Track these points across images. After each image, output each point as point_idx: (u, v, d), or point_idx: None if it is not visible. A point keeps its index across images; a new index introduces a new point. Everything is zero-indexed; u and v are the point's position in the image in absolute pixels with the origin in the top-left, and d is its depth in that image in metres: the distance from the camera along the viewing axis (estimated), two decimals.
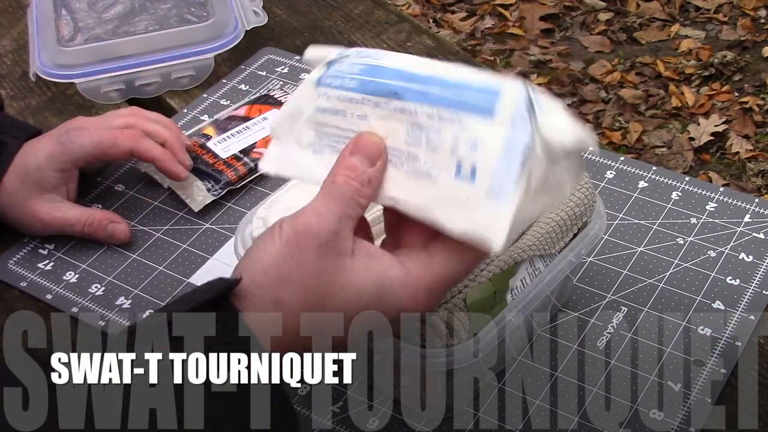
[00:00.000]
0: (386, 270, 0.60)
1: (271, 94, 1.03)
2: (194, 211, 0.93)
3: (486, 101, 0.59)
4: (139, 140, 0.89)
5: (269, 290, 0.59)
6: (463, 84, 0.60)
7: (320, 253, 0.58)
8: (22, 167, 0.88)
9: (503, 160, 0.57)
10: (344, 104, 0.64)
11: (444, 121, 0.60)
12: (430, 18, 2.75)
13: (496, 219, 0.57)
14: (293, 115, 0.67)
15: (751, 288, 0.80)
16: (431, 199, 0.60)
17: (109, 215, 0.91)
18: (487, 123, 0.58)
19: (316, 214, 0.59)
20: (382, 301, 0.59)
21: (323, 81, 0.65)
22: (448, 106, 0.60)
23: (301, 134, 0.66)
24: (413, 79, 0.62)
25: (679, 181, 0.91)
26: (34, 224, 0.89)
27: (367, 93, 0.63)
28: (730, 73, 2.43)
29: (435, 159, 0.60)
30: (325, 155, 0.65)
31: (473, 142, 0.58)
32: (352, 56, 0.65)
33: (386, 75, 0.63)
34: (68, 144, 0.89)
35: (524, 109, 0.58)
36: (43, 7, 1.11)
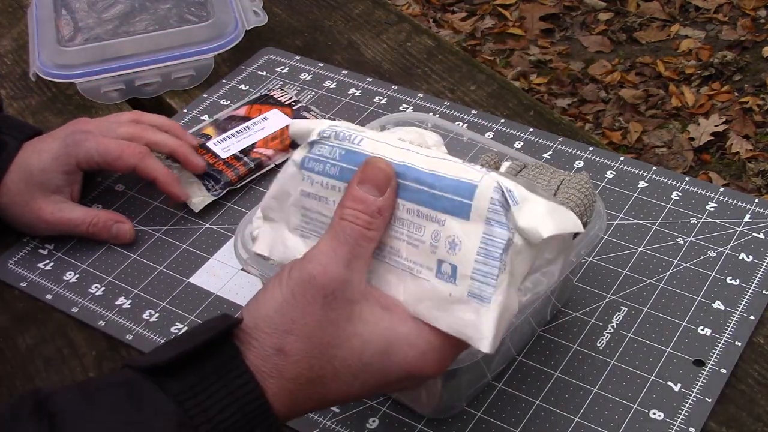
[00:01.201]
0: (396, 326, 0.59)
1: (271, 94, 1.03)
2: (194, 211, 0.93)
3: (461, 203, 0.59)
4: (144, 158, 0.89)
5: (271, 337, 0.58)
6: (437, 182, 0.60)
7: (326, 303, 0.58)
8: (25, 168, 0.88)
9: (481, 261, 0.58)
10: (327, 191, 0.64)
11: (422, 217, 0.60)
12: (430, 18, 2.75)
13: (481, 320, 0.58)
14: (281, 196, 0.67)
15: (751, 288, 0.80)
16: (413, 295, 0.60)
17: (114, 215, 0.91)
18: (464, 223, 0.59)
19: (322, 263, 0.58)
20: (388, 356, 0.58)
21: (306, 165, 0.64)
22: (424, 203, 0.60)
23: (290, 216, 0.66)
24: None
25: (679, 181, 0.91)
26: (38, 225, 0.89)
27: (347, 181, 0.62)
28: (730, 73, 2.43)
29: (416, 257, 0.60)
30: (311, 240, 0.65)
31: (452, 242, 0.59)
32: (332, 138, 0.64)
33: (362, 162, 0.62)
34: (73, 147, 0.89)
35: (498, 205, 0.58)
36: (43, 7, 1.11)
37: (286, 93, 1.03)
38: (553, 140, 0.96)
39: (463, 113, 1.01)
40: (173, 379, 0.57)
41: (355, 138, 0.63)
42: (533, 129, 0.98)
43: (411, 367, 0.58)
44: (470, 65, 1.10)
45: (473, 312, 0.58)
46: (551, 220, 0.59)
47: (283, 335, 0.58)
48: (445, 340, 0.59)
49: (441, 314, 0.59)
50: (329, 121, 0.65)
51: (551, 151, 0.95)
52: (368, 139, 0.63)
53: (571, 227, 0.61)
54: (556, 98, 2.43)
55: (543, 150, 0.95)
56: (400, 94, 1.04)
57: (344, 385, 0.59)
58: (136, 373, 0.57)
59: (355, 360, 0.58)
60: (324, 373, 0.59)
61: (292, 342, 0.58)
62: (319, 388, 0.59)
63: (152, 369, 0.57)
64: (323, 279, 0.58)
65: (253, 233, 0.75)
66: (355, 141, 0.63)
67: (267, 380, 0.58)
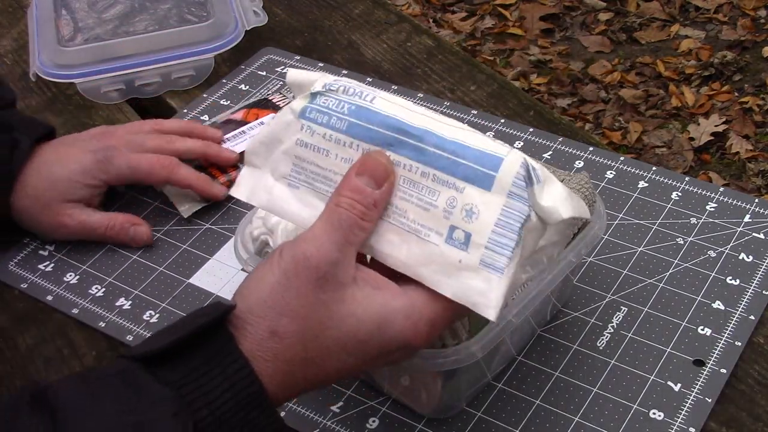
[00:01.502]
0: (390, 301, 0.59)
1: (270, 99, 1.03)
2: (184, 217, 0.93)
3: (484, 174, 0.59)
4: (174, 170, 0.90)
5: (266, 320, 0.58)
6: (460, 150, 0.60)
7: (319, 285, 0.58)
8: (47, 174, 0.88)
9: (499, 232, 0.58)
10: (329, 144, 0.63)
11: (438, 183, 0.60)
12: (430, 18, 2.75)
13: (490, 289, 0.58)
14: (271, 143, 0.66)
15: (751, 288, 0.80)
16: (418, 258, 0.60)
17: (131, 218, 0.90)
18: (484, 193, 0.59)
19: (316, 244, 0.59)
20: (382, 332, 0.59)
21: (307, 114, 0.64)
22: (443, 169, 0.60)
23: (278, 164, 0.65)
24: (407, 131, 0.61)
25: (679, 181, 0.91)
26: (58, 229, 0.89)
27: (357, 138, 0.62)
28: (730, 73, 2.43)
29: (425, 219, 0.60)
30: (300, 191, 0.64)
31: (469, 211, 0.59)
32: (339, 92, 0.63)
33: (377, 122, 0.62)
34: (105, 163, 0.89)
35: (522, 180, 0.59)
36: (43, 7, 1.11)
37: (284, 97, 1.03)
38: (553, 140, 0.96)
39: (463, 113, 1.01)
40: (168, 367, 0.57)
41: (367, 95, 0.63)
42: (533, 129, 0.98)
43: (404, 338, 0.59)
44: (470, 65, 1.10)
45: (484, 280, 0.58)
46: (570, 203, 0.60)
47: (276, 317, 0.58)
48: (437, 312, 0.60)
49: (446, 279, 0.59)
50: (332, 76, 0.65)
51: (551, 151, 0.95)
52: (381, 99, 0.63)
53: (584, 214, 0.63)
54: (556, 98, 2.43)
55: (543, 150, 0.95)
56: (400, 94, 1.04)
57: (340, 363, 0.60)
58: (131, 363, 0.58)
59: (350, 339, 0.59)
60: (319, 353, 0.59)
61: (286, 324, 0.58)
62: (314, 368, 0.60)
63: (147, 357, 0.57)
64: (316, 260, 0.58)
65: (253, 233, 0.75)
66: (367, 98, 0.62)
67: (262, 364, 0.58)
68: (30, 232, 0.91)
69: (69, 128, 1.04)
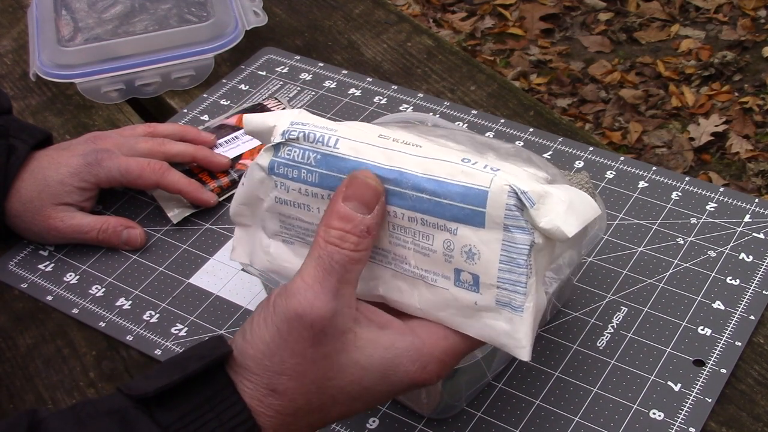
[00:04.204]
0: (395, 343, 0.57)
1: (264, 104, 1.03)
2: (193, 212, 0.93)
3: (472, 211, 0.55)
4: (164, 174, 0.89)
5: (264, 378, 0.56)
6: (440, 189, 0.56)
7: (316, 340, 0.55)
8: (41, 178, 0.88)
9: (506, 269, 0.55)
10: (307, 198, 0.60)
11: (428, 226, 0.57)
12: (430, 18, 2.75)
13: (516, 330, 0.56)
14: (252, 203, 0.63)
15: (751, 288, 0.80)
16: (432, 303, 0.57)
17: (124, 221, 0.90)
18: (479, 231, 0.55)
19: (308, 298, 0.54)
20: (387, 378, 0.57)
21: (276, 170, 0.60)
22: (428, 212, 0.56)
23: (266, 222, 0.63)
24: (381, 176, 0.57)
25: (679, 181, 0.91)
26: (49, 232, 0.89)
27: (331, 189, 0.58)
28: (730, 73, 2.43)
29: (428, 265, 0.57)
30: (296, 246, 0.62)
31: (468, 252, 0.56)
32: (300, 140, 0.59)
33: (347, 169, 0.58)
34: (95, 166, 0.89)
35: (515, 210, 0.54)
36: (43, 7, 1.11)
37: (279, 103, 1.03)
38: (553, 140, 0.96)
39: (463, 113, 1.01)
40: (165, 408, 0.56)
41: (329, 140, 0.59)
42: (533, 129, 0.98)
43: (412, 380, 0.57)
44: (470, 65, 1.10)
45: (506, 321, 0.56)
46: (573, 215, 0.56)
47: (274, 376, 0.56)
48: (447, 351, 0.57)
49: (468, 321, 0.57)
50: (288, 115, 0.60)
51: (551, 151, 0.95)
52: (344, 139, 0.59)
53: (591, 214, 0.58)
54: (556, 98, 2.43)
55: (543, 150, 0.95)
56: (400, 94, 1.04)
57: (345, 408, 0.58)
58: (127, 401, 0.57)
59: (354, 387, 0.57)
60: (323, 403, 0.57)
61: (285, 382, 0.56)
62: (319, 415, 0.58)
63: (144, 398, 0.56)
64: (311, 317, 0.55)
65: None
66: (330, 143, 0.59)
67: (263, 418, 0.56)
68: (23, 236, 0.91)
69: (69, 128, 1.05)
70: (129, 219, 0.91)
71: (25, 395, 0.79)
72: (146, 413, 0.56)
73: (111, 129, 0.98)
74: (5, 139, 0.89)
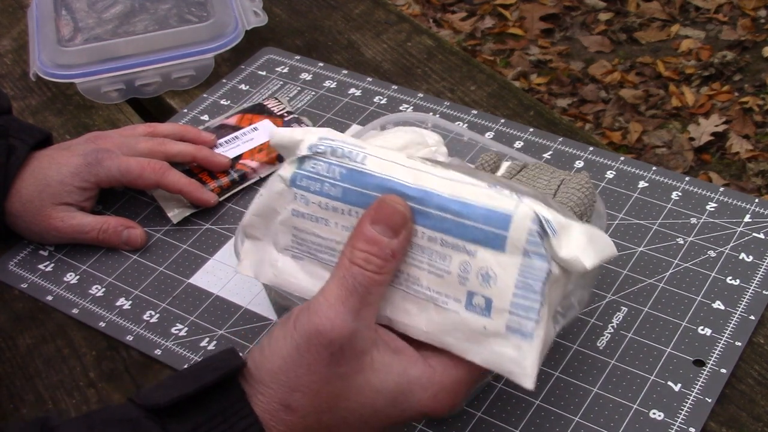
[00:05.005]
0: (408, 369, 0.57)
1: (264, 104, 1.03)
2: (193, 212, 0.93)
3: (494, 234, 0.55)
4: (164, 174, 0.89)
5: (278, 393, 0.56)
6: (465, 210, 0.56)
7: (334, 359, 0.55)
8: (42, 178, 0.88)
9: (520, 295, 0.55)
10: (326, 212, 0.59)
11: (448, 247, 0.56)
12: (430, 18, 2.75)
13: (523, 357, 0.55)
14: (267, 215, 0.63)
15: (751, 288, 0.80)
16: (439, 326, 0.57)
17: (124, 221, 0.90)
18: (498, 254, 0.55)
19: (329, 316, 0.55)
20: (398, 403, 0.57)
21: (298, 182, 0.60)
22: (449, 232, 0.56)
23: (278, 236, 0.62)
24: (406, 194, 0.57)
25: (679, 181, 0.91)
26: (49, 232, 0.89)
27: (353, 204, 0.58)
28: (730, 73, 2.44)
29: (440, 286, 0.57)
30: (305, 263, 0.62)
31: (485, 275, 0.56)
32: (328, 154, 0.59)
33: (373, 185, 0.58)
34: (95, 166, 0.89)
35: (537, 236, 0.55)
36: (43, 7, 1.11)
37: (280, 103, 1.03)
38: (553, 140, 0.96)
39: (463, 113, 1.01)
40: (177, 419, 0.56)
41: (357, 155, 0.59)
42: (533, 129, 0.98)
43: (423, 408, 0.57)
44: (470, 65, 1.10)
45: (514, 348, 0.56)
46: (592, 249, 0.56)
47: (289, 392, 0.56)
48: (458, 380, 0.57)
49: (474, 347, 0.57)
50: (317, 131, 0.61)
51: (551, 151, 0.95)
52: (372, 157, 0.59)
53: (609, 253, 0.58)
54: (556, 98, 2.43)
55: (543, 150, 0.95)
56: (400, 94, 1.04)
57: (354, 430, 0.58)
58: (139, 411, 0.57)
59: (366, 410, 0.57)
60: (335, 423, 0.57)
61: (299, 398, 0.56)
62: None
63: (156, 408, 0.56)
64: (331, 335, 0.55)
65: None
66: (357, 159, 0.59)
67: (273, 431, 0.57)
68: (23, 236, 0.91)
69: (69, 128, 1.05)
70: (129, 219, 0.91)
71: (25, 395, 0.79)
72: (158, 424, 0.56)
73: (111, 129, 0.98)
74: (5, 139, 0.89)
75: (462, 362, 0.57)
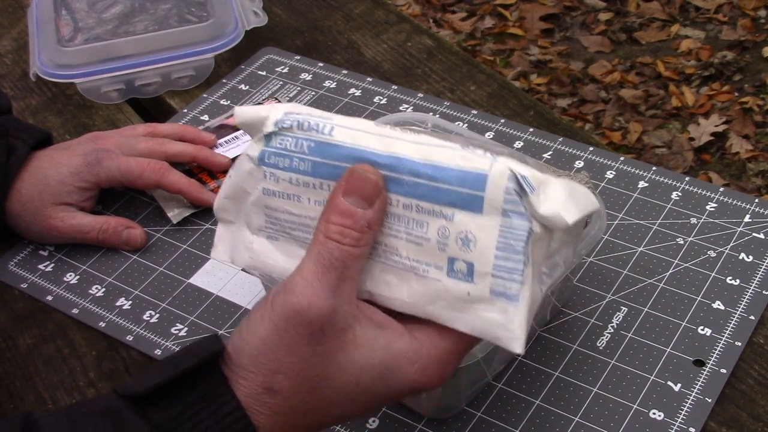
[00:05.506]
0: (393, 343, 0.55)
1: (264, 104, 1.03)
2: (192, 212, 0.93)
3: (470, 196, 0.53)
4: (164, 174, 0.89)
5: (259, 376, 0.55)
6: (438, 173, 0.54)
7: (314, 338, 0.54)
8: (41, 178, 0.88)
9: (502, 257, 0.53)
10: (297, 189, 0.58)
11: (424, 213, 0.55)
12: (430, 18, 2.75)
13: (510, 320, 0.54)
14: (237, 196, 0.61)
15: (751, 288, 0.80)
16: (422, 296, 0.56)
17: (124, 221, 0.90)
18: (476, 216, 0.53)
19: (307, 294, 0.54)
20: (385, 379, 0.56)
21: (267, 160, 0.58)
22: (424, 197, 0.55)
23: (251, 217, 0.61)
24: (376, 162, 0.55)
25: (679, 181, 0.91)
26: (49, 233, 0.89)
27: (324, 178, 0.57)
28: (730, 73, 2.44)
29: (420, 255, 0.55)
30: (281, 242, 0.60)
31: (464, 239, 0.54)
32: (294, 128, 0.58)
33: (343, 156, 0.56)
34: (96, 166, 0.89)
35: (514, 194, 0.53)
36: (43, 7, 1.11)
37: (278, 102, 1.03)
38: (553, 140, 0.96)
39: (463, 113, 1.01)
40: (158, 407, 0.55)
41: (324, 127, 0.57)
42: (533, 129, 0.98)
43: (412, 383, 0.56)
44: (470, 65, 1.10)
45: (500, 312, 0.54)
46: (573, 203, 0.54)
47: (270, 374, 0.55)
48: (446, 351, 0.56)
49: (459, 315, 0.55)
50: (281, 106, 0.59)
51: (551, 151, 0.95)
52: (340, 127, 0.57)
53: (591, 207, 0.56)
54: (556, 98, 2.43)
55: (543, 150, 0.95)
56: (400, 94, 1.04)
57: (343, 410, 0.57)
58: (121, 401, 0.56)
59: (352, 387, 0.56)
60: (320, 404, 0.57)
61: (281, 380, 0.55)
62: (316, 416, 0.57)
63: (137, 396, 0.56)
64: (309, 314, 0.54)
65: None
66: (324, 131, 0.57)
67: (258, 416, 0.56)
68: (23, 236, 0.91)
69: (69, 128, 1.05)
70: (129, 219, 0.91)
71: (25, 395, 0.79)
72: (139, 413, 0.55)
73: (111, 129, 0.98)
74: (5, 139, 0.89)
75: (449, 332, 0.56)
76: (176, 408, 0.55)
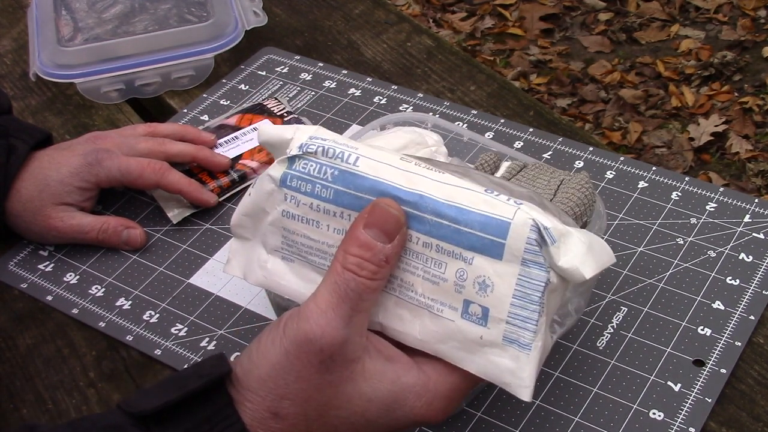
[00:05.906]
0: (402, 376, 0.56)
1: (264, 104, 1.03)
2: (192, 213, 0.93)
3: (491, 242, 0.54)
4: (164, 174, 0.89)
5: (266, 401, 0.55)
6: (461, 216, 0.55)
7: (324, 367, 0.54)
8: (42, 178, 0.88)
9: (518, 305, 0.54)
10: (318, 214, 0.58)
11: (443, 253, 0.55)
12: (430, 18, 2.75)
13: (521, 368, 0.54)
14: (256, 214, 0.61)
15: (751, 288, 0.80)
16: (434, 335, 0.56)
17: (124, 221, 0.90)
18: (496, 263, 0.54)
19: (320, 323, 0.54)
20: (391, 412, 0.56)
21: (288, 182, 0.59)
22: (445, 239, 0.55)
23: (267, 236, 0.61)
24: (400, 197, 0.56)
25: (679, 181, 0.91)
26: (49, 232, 0.89)
27: (346, 207, 0.57)
28: (730, 73, 2.44)
29: (435, 294, 0.56)
30: (295, 265, 0.61)
31: (482, 283, 0.55)
32: (319, 154, 0.58)
33: (366, 188, 0.57)
34: (96, 166, 0.88)
35: (534, 245, 0.54)
36: (43, 7, 1.11)
37: (279, 103, 1.03)
38: (553, 140, 0.96)
39: (463, 113, 1.01)
40: (163, 426, 0.55)
41: (349, 156, 0.57)
42: (533, 129, 0.98)
43: (417, 417, 0.56)
44: (470, 65, 1.10)
45: (511, 358, 0.55)
46: (592, 258, 0.55)
47: (277, 399, 0.55)
48: (453, 387, 0.57)
49: (469, 356, 0.56)
50: (307, 129, 0.59)
51: (551, 151, 0.95)
52: (365, 158, 0.57)
53: (607, 261, 0.57)
54: (556, 98, 2.43)
55: (543, 150, 0.95)
56: (400, 94, 1.04)
57: None
58: (126, 418, 0.56)
59: (358, 418, 0.56)
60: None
61: (288, 406, 0.55)
62: None
63: (142, 415, 0.56)
64: (321, 343, 0.54)
65: None
66: (349, 160, 0.57)
67: None
68: (23, 236, 0.91)
69: (69, 128, 1.05)
70: (129, 219, 0.91)
71: (25, 395, 0.79)
72: (144, 431, 0.55)
73: (111, 129, 0.98)
74: (5, 139, 0.89)
75: (457, 369, 0.56)
76: (181, 428, 0.55)
